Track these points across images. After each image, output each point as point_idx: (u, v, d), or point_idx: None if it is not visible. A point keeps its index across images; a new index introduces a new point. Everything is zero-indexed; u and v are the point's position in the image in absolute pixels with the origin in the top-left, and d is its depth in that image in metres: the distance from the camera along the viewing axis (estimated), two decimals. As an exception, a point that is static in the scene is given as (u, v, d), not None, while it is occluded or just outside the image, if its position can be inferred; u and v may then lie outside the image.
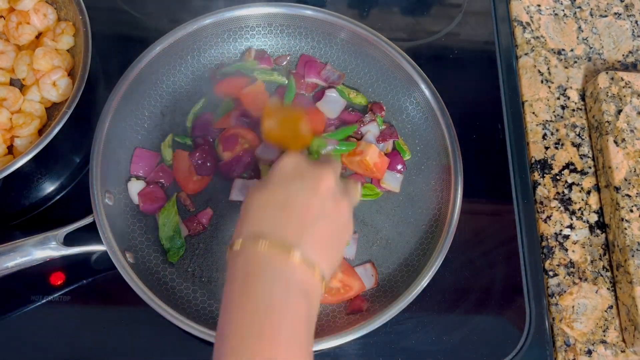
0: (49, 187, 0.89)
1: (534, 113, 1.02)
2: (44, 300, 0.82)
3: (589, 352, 0.86)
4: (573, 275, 0.91)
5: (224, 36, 0.95)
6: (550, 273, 0.91)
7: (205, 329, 0.75)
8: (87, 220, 0.78)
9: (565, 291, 0.90)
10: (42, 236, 0.76)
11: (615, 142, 0.95)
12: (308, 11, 0.94)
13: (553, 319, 0.88)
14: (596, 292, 0.90)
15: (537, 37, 1.08)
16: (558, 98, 1.04)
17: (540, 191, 0.96)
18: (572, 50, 1.08)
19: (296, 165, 0.65)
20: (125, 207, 0.85)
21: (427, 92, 0.91)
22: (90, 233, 0.78)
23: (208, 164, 0.87)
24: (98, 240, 0.77)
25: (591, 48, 1.09)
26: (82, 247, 0.78)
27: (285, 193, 0.61)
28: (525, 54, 1.07)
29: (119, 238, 0.79)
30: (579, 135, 1.01)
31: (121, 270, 0.76)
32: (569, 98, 1.04)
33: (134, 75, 0.87)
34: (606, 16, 1.12)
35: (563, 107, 1.03)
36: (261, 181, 0.65)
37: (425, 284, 0.80)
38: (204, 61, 0.95)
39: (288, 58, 0.97)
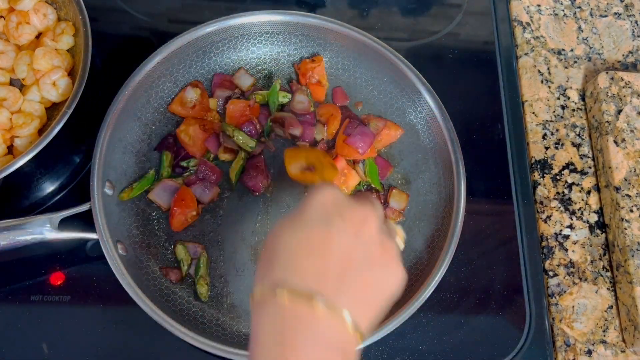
0: (49, 187, 0.90)
1: (534, 113, 1.02)
2: (44, 300, 0.82)
3: (589, 352, 0.86)
4: (573, 275, 0.91)
5: (227, 43, 0.95)
6: (550, 273, 0.91)
7: (187, 330, 0.75)
8: (84, 207, 0.79)
9: (565, 291, 0.90)
10: (37, 217, 0.77)
11: (615, 142, 0.95)
12: (312, 19, 0.93)
13: (553, 319, 0.88)
14: (596, 292, 0.90)
15: (537, 37, 1.08)
16: (558, 98, 1.04)
17: (540, 191, 0.96)
18: (572, 50, 1.08)
19: (335, 200, 0.55)
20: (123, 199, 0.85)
21: (427, 95, 0.91)
22: (86, 223, 0.78)
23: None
24: (92, 229, 0.77)
25: (591, 48, 1.09)
26: (75, 233, 0.78)
27: (323, 235, 0.52)
28: (525, 54, 1.07)
29: (112, 228, 0.79)
30: (579, 135, 1.01)
31: (110, 259, 0.76)
32: (569, 98, 1.04)
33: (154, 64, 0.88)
34: (606, 16, 1.12)
35: (563, 107, 1.03)
36: (293, 215, 0.55)
37: (430, 293, 0.79)
38: (207, 68, 0.95)
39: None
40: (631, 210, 0.90)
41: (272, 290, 0.50)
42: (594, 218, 0.95)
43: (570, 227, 0.94)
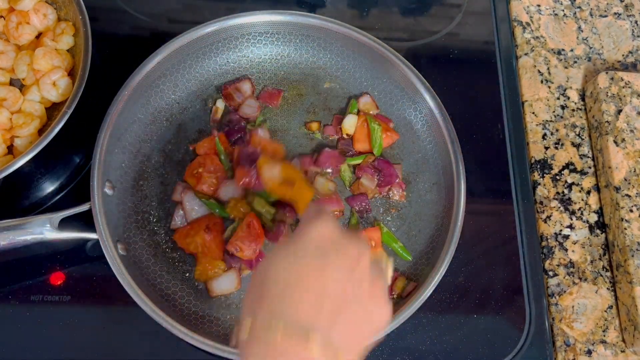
0: (49, 187, 0.90)
1: (534, 113, 1.02)
2: (44, 300, 0.82)
3: (589, 352, 0.86)
4: (573, 275, 0.91)
5: (227, 43, 0.95)
6: (550, 273, 0.91)
7: (187, 330, 0.75)
8: (84, 207, 0.79)
9: (565, 291, 0.90)
10: (37, 217, 0.77)
11: (615, 142, 0.95)
12: (312, 19, 0.93)
13: (553, 319, 0.88)
14: (596, 292, 0.90)
15: (537, 37, 1.08)
16: (558, 98, 1.04)
17: (540, 191, 0.96)
18: (572, 50, 1.08)
19: (332, 234, 0.54)
20: (124, 199, 0.85)
21: (427, 95, 0.91)
22: (86, 223, 0.78)
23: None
24: (92, 229, 0.77)
25: (591, 48, 1.09)
26: (75, 233, 0.78)
27: (319, 269, 0.51)
28: (525, 54, 1.07)
29: (112, 228, 0.79)
30: (578, 135, 1.01)
31: (110, 259, 0.76)
32: (568, 98, 1.04)
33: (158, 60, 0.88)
34: (606, 16, 1.12)
35: (563, 107, 1.03)
36: (287, 245, 0.54)
37: (430, 293, 0.80)
38: (207, 67, 0.95)
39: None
40: (631, 210, 0.90)
41: (265, 325, 0.48)
42: (594, 218, 0.95)
43: (570, 227, 0.94)
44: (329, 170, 0.90)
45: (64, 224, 0.78)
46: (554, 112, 1.03)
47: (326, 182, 0.89)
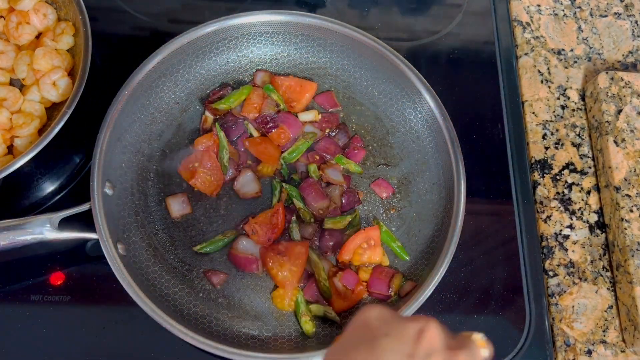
0: (49, 187, 0.90)
1: (534, 113, 1.02)
2: (44, 300, 0.82)
3: (589, 352, 0.86)
4: (573, 275, 0.91)
5: (227, 43, 0.95)
6: (550, 273, 0.91)
7: (187, 330, 0.75)
8: (84, 207, 0.79)
9: (565, 291, 0.90)
10: (37, 217, 0.77)
11: (615, 142, 0.95)
12: (312, 19, 0.93)
13: (553, 319, 0.88)
14: (596, 292, 0.90)
15: (537, 37, 1.08)
16: (558, 98, 1.04)
17: (540, 191, 0.96)
18: (572, 50, 1.08)
19: (380, 315, 0.50)
20: (124, 199, 0.85)
21: (427, 95, 0.91)
22: (86, 223, 0.78)
23: None
24: (92, 229, 0.78)
25: (591, 48, 1.09)
26: (75, 233, 0.78)
27: (366, 358, 0.46)
28: (525, 54, 1.07)
29: (112, 228, 0.79)
30: (579, 135, 1.01)
31: (110, 260, 0.76)
32: (569, 98, 1.04)
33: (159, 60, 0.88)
34: (606, 16, 1.12)
35: (563, 107, 1.03)
36: (340, 342, 0.51)
37: (430, 293, 0.80)
38: (207, 67, 0.95)
39: None
40: (631, 210, 0.90)
41: None
42: (594, 218, 0.95)
43: (570, 227, 0.94)
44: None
45: (64, 224, 0.78)
46: (554, 112, 1.03)
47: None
